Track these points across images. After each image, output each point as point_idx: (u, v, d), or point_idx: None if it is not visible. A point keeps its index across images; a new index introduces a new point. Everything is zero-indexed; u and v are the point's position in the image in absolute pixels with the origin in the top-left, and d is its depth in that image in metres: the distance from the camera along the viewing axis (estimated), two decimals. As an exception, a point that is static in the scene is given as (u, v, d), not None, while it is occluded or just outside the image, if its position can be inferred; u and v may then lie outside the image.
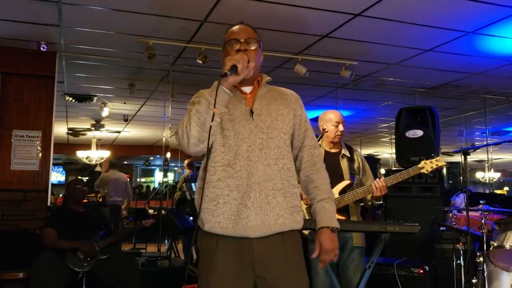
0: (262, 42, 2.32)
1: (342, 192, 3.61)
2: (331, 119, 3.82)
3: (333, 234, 2.17)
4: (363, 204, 3.87)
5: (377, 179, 3.58)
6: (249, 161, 2.09)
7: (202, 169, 2.18)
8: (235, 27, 2.27)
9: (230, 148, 2.11)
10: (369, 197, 3.65)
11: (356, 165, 3.79)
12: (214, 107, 2.00)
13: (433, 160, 3.66)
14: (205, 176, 2.12)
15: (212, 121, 2.00)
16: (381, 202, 3.71)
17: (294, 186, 2.19)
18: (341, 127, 3.78)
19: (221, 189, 2.08)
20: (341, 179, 3.67)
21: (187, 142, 2.06)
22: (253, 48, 2.20)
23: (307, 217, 3.47)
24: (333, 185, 3.62)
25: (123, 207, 10.06)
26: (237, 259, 2.06)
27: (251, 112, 2.16)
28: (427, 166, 3.65)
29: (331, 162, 3.76)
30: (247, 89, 2.25)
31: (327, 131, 3.84)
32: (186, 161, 9.76)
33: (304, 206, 3.48)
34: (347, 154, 3.79)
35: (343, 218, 3.57)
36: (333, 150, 3.82)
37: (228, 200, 2.07)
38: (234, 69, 2.02)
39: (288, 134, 2.22)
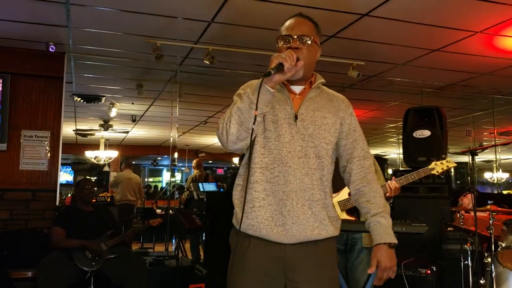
0: (320, 37, 2.21)
1: None
2: None
3: (391, 250, 2.08)
4: None
5: (390, 181, 3.58)
6: (288, 167, 2.02)
7: (243, 166, 2.14)
8: (290, 21, 2.17)
9: (270, 151, 2.04)
10: None
11: None
12: (256, 108, 1.89)
13: (444, 161, 3.65)
14: (244, 175, 2.09)
15: (254, 123, 1.90)
16: (391, 201, 3.70)
17: (330, 197, 2.12)
18: None
19: (258, 192, 2.03)
20: None
21: (226, 139, 1.98)
22: (306, 46, 2.09)
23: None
24: (343, 185, 3.64)
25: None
26: (268, 261, 2.03)
27: (296, 116, 2.07)
28: (437, 167, 3.64)
29: None
30: (297, 88, 2.16)
31: None
32: (194, 161, 9.83)
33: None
34: None
35: (352, 218, 3.57)
36: None
37: (263, 204, 2.02)
38: (279, 67, 1.90)
39: (332, 144, 2.12)
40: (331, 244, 2.13)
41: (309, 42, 2.10)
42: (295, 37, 2.09)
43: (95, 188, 5.08)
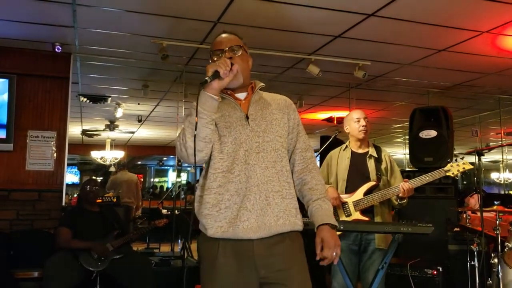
0: (247, 48, 2.34)
1: (367, 193, 3.61)
2: (352, 117, 3.82)
3: (333, 230, 2.15)
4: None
5: (403, 182, 3.57)
6: (247, 164, 2.12)
7: (202, 177, 2.22)
8: (218, 38, 2.32)
9: (229, 154, 2.14)
10: (394, 198, 3.65)
11: (383, 166, 3.76)
12: (197, 115, 2.03)
13: (460, 163, 3.63)
14: (206, 183, 2.17)
15: (195, 129, 2.03)
16: (405, 201, 3.68)
17: (291, 188, 2.23)
18: (363, 122, 3.76)
19: (222, 195, 2.11)
20: (367, 180, 3.67)
21: (185, 154, 2.10)
22: (238, 54, 2.23)
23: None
24: (359, 186, 3.64)
25: (135, 207, 10.18)
26: (239, 261, 2.09)
27: (247, 117, 2.20)
28: (453, 169, 3.62)
29: (357, 162, 3.77)
30: (241, 95, 2.29)
31: (348, 132, 3.85)
32: None
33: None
34: (375, 154, 3.77)
35: (366, 219, 3.57)
36: (360, 151, 3.81)
37: (229, 204, 2.10)
38: (216, 74, 2.06)
39: (284, 137, 2.26)
40: (297, 238, 2.20)
41: (240, 51, 2.25)
42: (226, 49, 2.24)
43: (96, 188, 5.08)
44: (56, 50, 5.44)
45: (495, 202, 4.92)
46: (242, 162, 2.12)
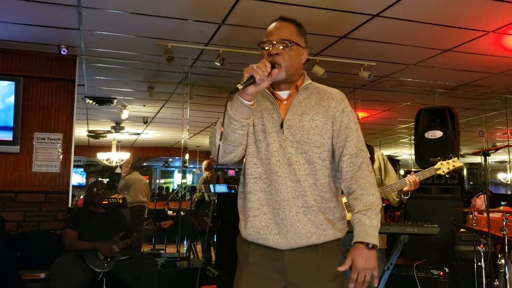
0: (304, 38, 2.20)
1: None
2: None
3: (369, 251, 1.93)
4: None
5: (409, 175, 3.55)
6: (277, 176, 2.02)
7: (242, 174, 2.18)
8: (270, 26, 2.16)
9: (262, 161, 2.06)
10: (394, 195, 3.62)
11: (376, 165, 3.74)
12: (223, 125, 1.95)
13: (450, 161, 3.60)
14: (242, 185, 2.14)
15: (220, 139, 1.99)
16: (408, 196, 3.66)
17: (329, 200, 2.07)
18: None
19: (252, 202, 2.06)
20: None
21: (214, 152, 2.04)
22: (286, 50, 2.06)
23: None
24: None
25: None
26: (268, 265, 2.05)
27: (281, 124, 2.05)
28: (443, 167, 3.59)
29: None
30: (284, 94, 2.13)
31: None
32: (204, 163, 9.90)
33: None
34: None
35: None
36: None
37: (258, 214, 2.05)
38: (251, 79, 1.89)
39: (325, 146, 2.06)
40: (333, 247, 2.07)
41: (289, 45, 2.07)
42: (275, 42, 2.08)
43: (103, 190, 5.10)
44: (62, 52, 5.46)
45: (502, 203, 4.90)
46: (273, 172, 2.02)
